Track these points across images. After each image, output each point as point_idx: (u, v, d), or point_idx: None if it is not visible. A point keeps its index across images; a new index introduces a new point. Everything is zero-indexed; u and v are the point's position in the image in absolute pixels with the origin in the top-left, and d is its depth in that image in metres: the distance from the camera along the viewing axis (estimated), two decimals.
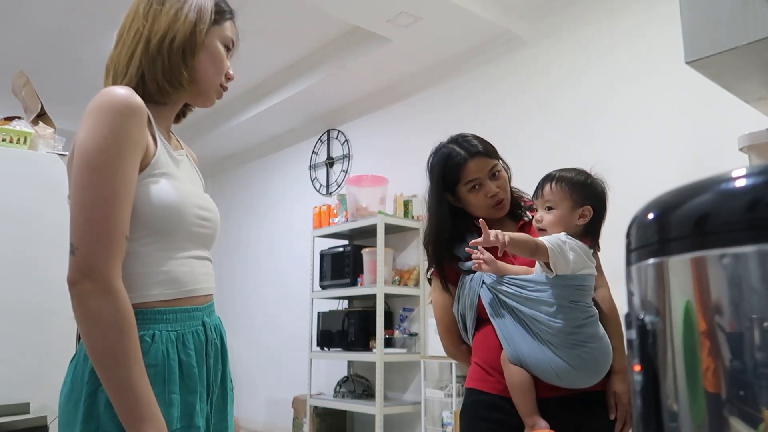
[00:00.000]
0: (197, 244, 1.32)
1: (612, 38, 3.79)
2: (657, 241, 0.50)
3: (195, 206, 1.30)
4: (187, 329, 1.27)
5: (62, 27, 4.78)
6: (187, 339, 1.26)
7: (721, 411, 0.45)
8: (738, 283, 0.44)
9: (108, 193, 1.15)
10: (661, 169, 3.35)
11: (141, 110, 1.22)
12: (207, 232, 1.34)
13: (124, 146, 1.18)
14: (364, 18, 4.17)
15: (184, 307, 1.27)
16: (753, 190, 0.45)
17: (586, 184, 1.71)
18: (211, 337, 1.33)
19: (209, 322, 1.33)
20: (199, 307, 1.31)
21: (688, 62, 1.16)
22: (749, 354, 0.43)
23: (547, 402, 1.65)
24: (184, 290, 1.28)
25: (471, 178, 1.82)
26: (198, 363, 1.27)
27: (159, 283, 1.24)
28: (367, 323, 4.81)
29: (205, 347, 1.31)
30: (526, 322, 1.66)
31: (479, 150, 1.83)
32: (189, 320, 1.28)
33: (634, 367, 0.51)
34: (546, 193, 1.70)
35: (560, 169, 1.75)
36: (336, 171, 5.92)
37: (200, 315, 1.31)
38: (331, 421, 5.17)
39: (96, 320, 1.11)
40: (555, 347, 1.62)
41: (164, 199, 1.24)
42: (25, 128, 2.92)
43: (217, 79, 1.38)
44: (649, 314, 0.50)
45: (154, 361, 1.19)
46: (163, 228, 1.24)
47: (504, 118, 4.28)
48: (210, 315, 1.35)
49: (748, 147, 1.56)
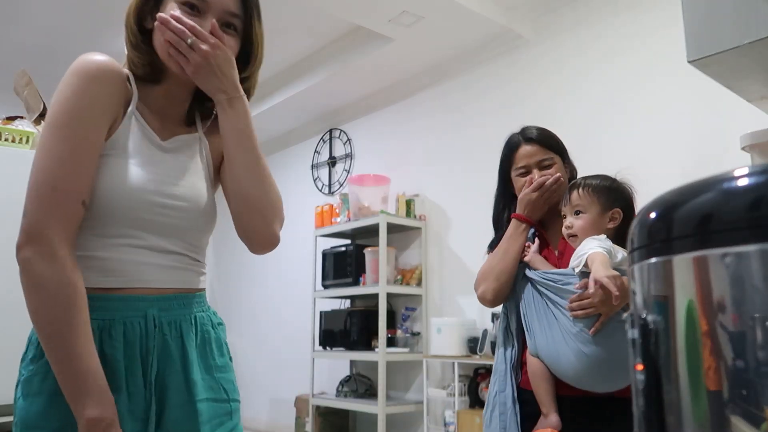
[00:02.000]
0: (152, 233, 1.18)
1: (614, 37, 3.79)
2: (659, 240, 0.50)
3: (151, 192, 1.17)
4: (117, 319, 1.13)
5: (64, 26, 4.78)
6: (114, 330, 1.12)
7: (724, 410, 0.45)
8: (740, 282, 0.44)
9: (65, 153, 1.09)
10: (663, 168, 3.34)
11: (113, 76, 1.17)
12: (168, 221, 1.20)
13: (89, 108, 1.12)
14: (366, 17, 4.17)
15: (118, 296, 1.14)
16: (755, 189, 0.45)
17: (613, 188, 1.72)
18: (154, 332, 1.16)
19: (156, 315, 1.17)
20: (142, 297, 1.16)
21: (690, 61, 1.16)
22: (751, 353, 0.43)
23: (562, 400, 1.66)
24: (121, 280, 1.15)
25: (521, 164, 1.86)
26: (128, 358, 1.12)
27: (89, 269, 1.13)
28: (369, 323, 4.82)
29: (145, 342, 1.15)
30: (553, 313, 1.67)
31: (532, 137, 1.87)
32: (124, 310, 1.14)
33: (637, 366, 0.51)
34: (574, 198, 1.72)
35: (585, 176, 1.77)
36: (338, 170, 5.92)
37: (143, 306, 1.16)
38: (333, 420, 5.17)
39: (39, 287, 1.05)
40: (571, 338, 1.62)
41: (106, 181, 1.13)
42: (27, 128, 2.93)
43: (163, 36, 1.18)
44: (652, 313, 0.50)
45: None
46: (102, 212, 1.13)
47: (506, 117, 4.27)
48: (165, 310, 1.19)
49: (750, 146, 1.56)
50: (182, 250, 1.24)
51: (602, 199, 1.69)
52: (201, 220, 1.26)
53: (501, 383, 1.78)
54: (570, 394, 1.65)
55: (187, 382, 1.18)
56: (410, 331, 4.78)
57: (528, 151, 1.85)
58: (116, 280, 1.14)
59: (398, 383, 4.92)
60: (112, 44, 5.00)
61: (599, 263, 1.54)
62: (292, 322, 5.99)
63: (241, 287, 6.97)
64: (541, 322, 1.70)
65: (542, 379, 1.67)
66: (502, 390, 1.77)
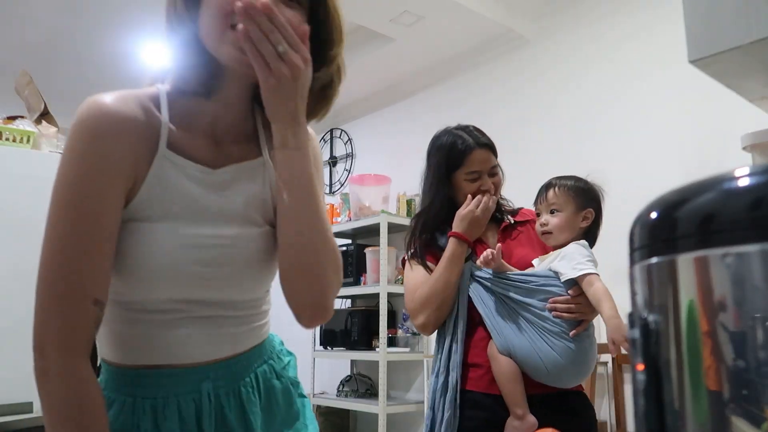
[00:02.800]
0: (193, 303, 1.01)
1: (615, 37, 3.79)
2: (660, 240, 0.50)
3: (197, 263, 0.98)
4: (170, 396, 0.99)
5: (65, 26, 4.78)
6: (168, 409, 0.99)
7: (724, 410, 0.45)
8: (741, 282, 0.44)
9: (69, 242, 0.90)
10: (664, 168, 3.35)
11: (123, 122, 0.93)
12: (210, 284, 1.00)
13: (99, 180, 0.91)
14: (367, 17, 4.17)
15: (167, 371, 1.00)
16: (756, 189, 0.45)
17: (586, 189, 1.79)
18: (210, 406, 1.01)
19: (210, 388, 1.02)
20: (194, 369, 1.01)
21: (692, 61, 1.16)
22: (752, 353, 0.43)
23: (532, 398, 1.67)
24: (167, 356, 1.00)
25: (473, 168, 1.83)
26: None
27: (133, 349, 1.01)
28: (370, 322, 4.82)
29: (201, 419, 1.00)
30: (523, 313, 1.68)
31: (487, 143, 1.86)
32: (174, 386, 1.00)
33: (637, 366, 0.51)
34: (550, 197, 1.77)
35: (559, 177, 1.82)
36: (339, 170, 5.92)
37: (195, 380, 1.01)
38: (334, 420, 5.18)
39: (47, 408, 0.89)
40: (553, 336, 1.64)
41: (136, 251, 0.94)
42: (28, 128, 2.93)
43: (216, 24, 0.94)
44: (652, 313, 0.50)
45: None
46: (134, 286, 0.97)
47: (507, 117, 4.28)
48: (222, 379, 1.03)
49: (751, 146, 1.56)
50: (237, 312, 1.06)
51: (578, 199, 1.76)
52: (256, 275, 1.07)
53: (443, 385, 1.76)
54: (539, 392, 1.68)
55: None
56: (411, 330, 4.78)
57: (483, 157, 1.83)
58: (162, 356, 1.00)
59: (399, 383, 4.92)
60: (114, 44, 5.01)
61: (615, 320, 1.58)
62: (292, 321, 5.97)
63: None
64: (510, 322, 1.69)
65: (515, 381, 1.67)
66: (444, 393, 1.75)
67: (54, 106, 3.14)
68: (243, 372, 1.06)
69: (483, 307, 1.74)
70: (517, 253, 1.83)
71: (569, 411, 1.72)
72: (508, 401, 1.66)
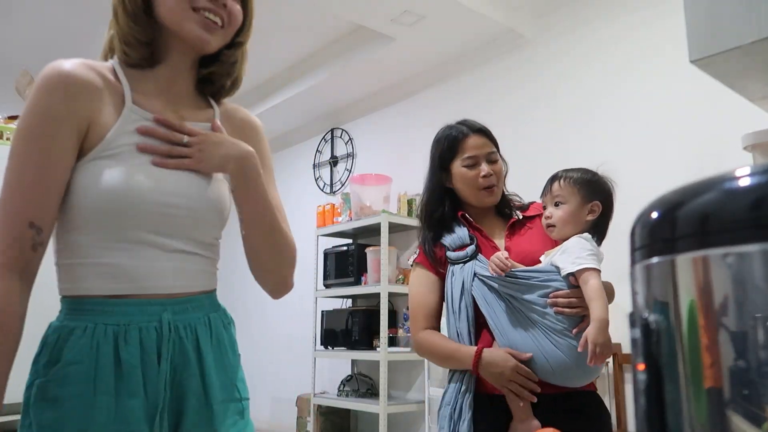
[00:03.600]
0: (159, 233, 1.15)
1: (615, 36, 3.79)
2: (661, 240, 0.50)
3: (157, 191, 1.14)
4: (132, 324, 1.12)
5: (66, 25, 4.79)
6: (130, 335, 1.11)
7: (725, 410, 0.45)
8: (742, 281, 0.44)
9: (12, 177, 1.08)
10: (665, 168, 3.35)
11: (76, 82, 1.12)
12: (180, 222, 1.18)
13: (41, 125, 1.09)
14: (367, 17, 4.17)
15: (132, 300, 1.13)
16: (757, 189, 0.45)
17: (594, 180, 1.74)
18: (168, 336, 1.14)
19: (171, 320, 1.15)
20: (156, 301, 1.15)
21: (693, 61, 1.16)
22: (753, 353, 0.43)
23: (540, 398, 1.63)
24: (134, 285, 1.13)
25: (469, 154, 1.81)
26: (144, 363, 1.11)
27: (100, 276, 1.12)
28: (370, 322, 4.82)
29: (159, 347, 1.13)
30: (526, 312, 1.65)
31: (481, 128, 1.85)
32: (137, 315, 1.13)
33: (638, 366, 0.51)
34: (555, 189, 1.73)
35: (566, 169, 1.77)
36: (340, 170, 5.92)
37: (157, 311, 1.14)
38: (335, 419, 5.18)
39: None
40: (557, 335, 1.61)
41: (107, 183, 1.10)
42: None
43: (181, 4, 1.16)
44: (653, 313, 0.50)
45: (78, 357, 1.08)
46: (107, 216, 1.11)
47: (508, 116, 4.28)
48: (180, 313, 1.18)
49: (752, 146, 1.56)
50: (193, 249, 1.21)
51: (583, 191, 1.71)
52: (209, 215, 1.23)
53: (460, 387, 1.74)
54: (548, 392, 1.64)
55: (204, 386, 1.18)
56: None
57: (478, 142, 1.82)
58: (129, 286, 1.13)
59: (400, 383, 4.92)
60: None
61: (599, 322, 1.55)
62: (293, 321, 5.99)
63: (242, 286, 6.96)
64: (514, 321, 1.67)
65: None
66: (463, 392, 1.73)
67: None
68: (197, 312, 1.21)
69: (486, 306, 1.71)
70: (524, 249, 1.79)
71: (579, 411, 1.67)
72: (511, 404, 1.64)
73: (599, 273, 1.63)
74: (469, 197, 1.84)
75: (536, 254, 1.76)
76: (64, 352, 1.09)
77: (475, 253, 1.78)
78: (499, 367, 1.62)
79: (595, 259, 1.64)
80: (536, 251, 1.77)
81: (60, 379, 1.08)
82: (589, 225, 1.72)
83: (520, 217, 1.89)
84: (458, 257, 1.79)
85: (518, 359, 1.62)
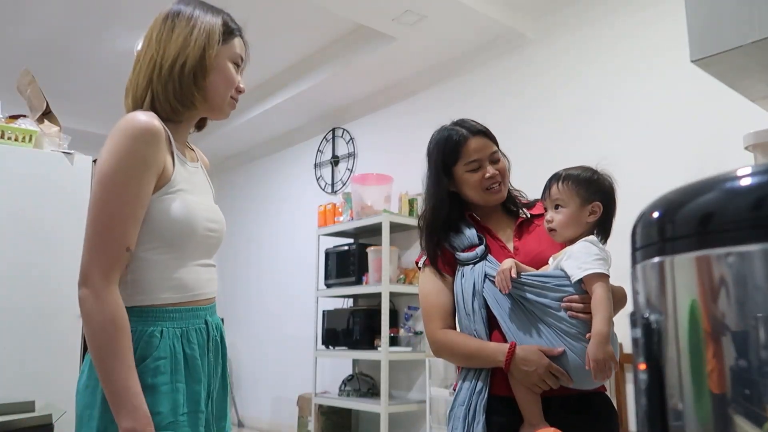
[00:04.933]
0: (204, 253, 1.47)
1: (616, 36, 3.79)
2: (662, 240, 0.50)
3: (204, 219, 1.44)
4: (191, 327, 1.42)
5: (67, 25, 4.79)
6: (191, 335, 1.42)
7: (726, 410, 0.45)
8: (743, 281, 0.44)
9: (114, 209, 1.31)
10: (666, 168, 3.34)
11: (159, 135, 1.36)
12: (213, 242, 1.49)
13: (136, 168, 1.32)
14: (369, 16, 4.17)
15: (189, 308, 1.43)
16: (758, 189, 0.45)
17: (593, 180, 1.70)
18: (213, 334, 1.48)
19: (211, 321, 1.48)
20: (203, 307, 1.47)
21: (694, 61, 1.16)
22: (754, 353, 0.43)
23: (551, 400, 1.63)
24: (191, 294, 1.43)
25: (472, 158, 1.78)
26: (201, 356, 1.43)
27: (170, 288, 1.39)
28: (372, 322, 4.82)
29: (207, 343, 1.46)
30: (541, 315, 1.63)
31: (481, 129, 1.82)
32: (193, 319, 1.43)
33: (639, 365, 0.51)
34: (553, 192, 1.70)
35: (566, 168, 1.74)
36: (341, 169, 5.92)
37: (203, 314, 1.46)
38: (336, 419, 5.18)
39: (88, 321, 1.28)
40: (572, 338, 1.60)
41: (178, 214, 1.38)
42: (30, 126, 2.93)
43: (227, 94, 1.49)
44: (654, 313, 0.50)
45: (164, 354, 1.35)
46: (176, 240, 1.39)
47: (509, 116, 4.28)
48: (212, 315, 1.51)
49: (753, 145, 1.56)
50: (214, 263, 1.53)
51: (582, 192, 1.68)
52: (223, 234, 1.54)
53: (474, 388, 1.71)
54: (557, 394, 1.63)
55: (224, 373, 1.54)
56: (413, 330, 4.78)
57: (479, 144, 1.79)
58: (188, 295, 1.43)
59: (401, 382, 4.92)
60: (115, 43, 5.02)
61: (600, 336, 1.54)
62: (294, 321, 5.99)
63: (243, 286, 6.98)
64: (527, 324, 1.65)
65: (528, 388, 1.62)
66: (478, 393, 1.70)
67: (56, 106, 3.14)
68: (215, 314, 1.54)
69: (498, 308, 1.69)
70: (533, 249, 1.77)
71: (590, 412, 1.66)
72: (523, 409, 1.63)
73: (607, 278, 1.60)
74: (475, 199, 1.82)
75: (545, 254, 1.74)
76: (150, 350, 1.34)
77: (485, 254, 1.76)
78: (534, 364, 1.59)
79: (602, 263, 1.61)
80: (545, 251, 1.75)
81: (152, 370, 1.33)
82: (592, 225, 1.69)
83: (528, 215, 1.88)
84: (468, 258, 1.77)
85: (549, 355, 1.60)
